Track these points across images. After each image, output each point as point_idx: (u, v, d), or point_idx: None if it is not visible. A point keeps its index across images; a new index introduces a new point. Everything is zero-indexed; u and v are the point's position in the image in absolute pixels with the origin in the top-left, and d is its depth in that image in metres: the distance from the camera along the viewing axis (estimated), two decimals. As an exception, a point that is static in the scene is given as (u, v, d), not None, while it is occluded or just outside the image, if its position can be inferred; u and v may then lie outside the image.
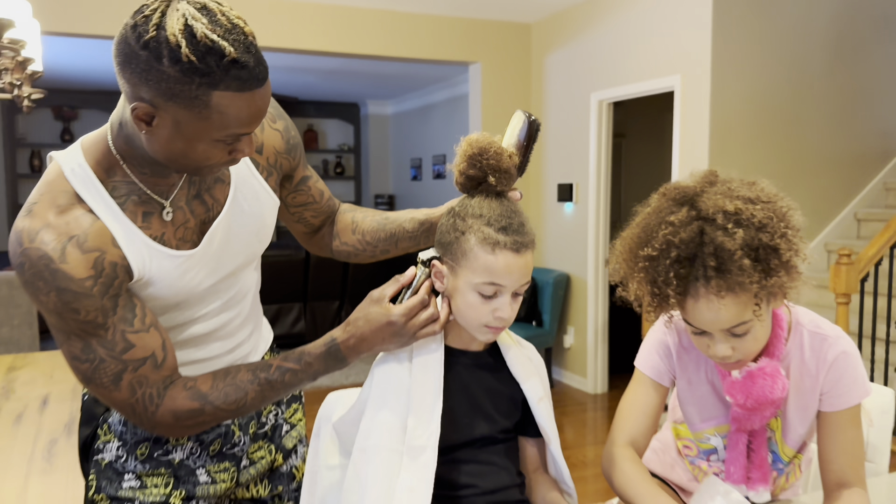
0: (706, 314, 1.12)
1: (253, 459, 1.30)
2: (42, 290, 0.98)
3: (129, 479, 1.18)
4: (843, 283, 2.91)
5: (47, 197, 1.01)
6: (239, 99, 0.94)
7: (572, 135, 5.06)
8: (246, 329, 1.27)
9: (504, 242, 1.11)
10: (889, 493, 1.36)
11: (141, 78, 0.92)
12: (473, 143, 1.15)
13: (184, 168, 1.03)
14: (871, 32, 4.47)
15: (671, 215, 1.15)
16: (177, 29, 0.90)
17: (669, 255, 1.12)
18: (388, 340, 1.13)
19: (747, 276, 1.08)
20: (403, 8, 4.94)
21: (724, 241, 1.08)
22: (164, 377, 1.07)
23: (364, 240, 1.36)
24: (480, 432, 1.20)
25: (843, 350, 1.24)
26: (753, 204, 1.12)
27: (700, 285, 1.10)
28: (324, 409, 1.32)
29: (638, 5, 4.41)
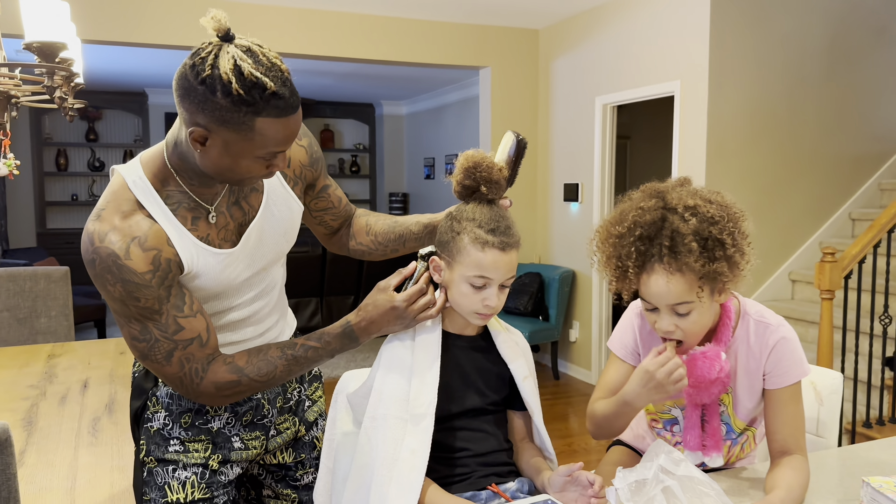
0: (656, 288, 1.33)
1: (280, 430, 1.51)
2: (110, 281, 1.18)
3: (173, 444, 1.38)
4: (826, 280, 3.09)
5: (113, 204, 1.22)
6: (277, 123, 1.14)
7: (578, 137, 5.24)
8: (274, 316, 1.48)
9: (492, 242, 1.32)
10: (838, 465, 1.55)
11: (198, 107, 1.12)
12: (469, 158, 1.37)
13: (228, 180, 1.24)
14: (865, 41, 4.62)
15: (643, 202, 1.38)
16: (228, 68, 1.10)
17: (634, 234, 1.34)
18: (392, 322, 1.34)
19: (693, 258, 1.29)
20: (418, 16, 5.15)
21: (680, 226, 1.30)
22: (208, 355, 1.28)
23: (377, 240, 1.59)
24: (472, 404, 1.41)
25: (782, 336, 1.43)
26: (711, 203, 1.34)
27: (655, 261, 1.33)
28: (340, 384, 1.53)
29: (640, 14, 4.59)
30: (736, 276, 1.33)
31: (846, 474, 1.48)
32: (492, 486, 1.37)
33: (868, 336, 3.57)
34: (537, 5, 4.94)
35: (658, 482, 1.07)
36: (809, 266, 4.54)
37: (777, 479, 1.34)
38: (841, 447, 1.63)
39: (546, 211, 5.65)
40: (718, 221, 1.31)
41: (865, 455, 1.57)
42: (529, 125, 5.67)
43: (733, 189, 4.24)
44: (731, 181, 4.25)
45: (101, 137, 9.02)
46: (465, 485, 1.37)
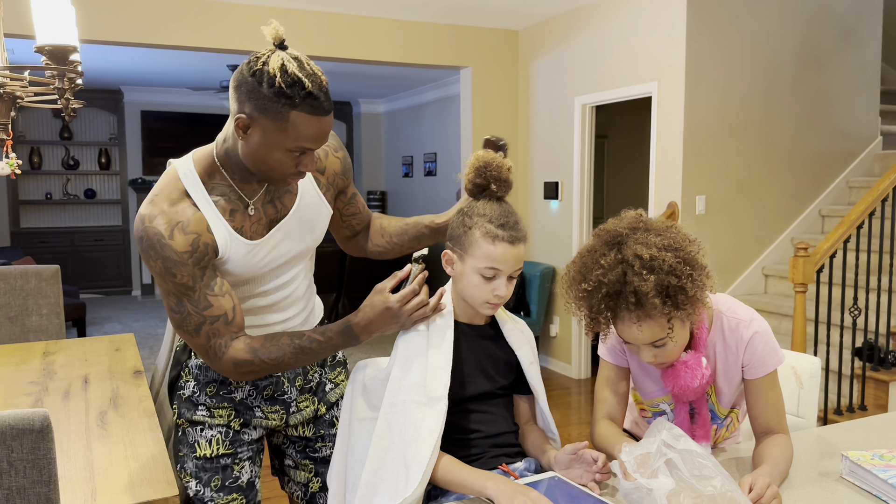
0: (630, 334, 1.43)
1: (300, 407, 1.69)
2: (152, 257, 1.36)
3: (201, 409, 1.60)
4: (800, 274, 3.23)
5: (165, 192, 1.41)
6: (309, 120, 1.32)
7: (557, 136, 5.36)
8: (299, 305, 1.64)
9: (502, 236, 1.42)
10: (817, 443, 1.66)
11: (246, 96, 1.31)
12: (480, 158, 1.47)
13: (263, 173, 1.40)
14: (834, 43, 4.80)
15: (602, 258, 1.43)
16: (276, 66, 1.29)
17: (601, 291, 1.41)
18: (388, 322, 1.43)
19: (659, 311, 1.37)
20: (399, 16, 5.22)
21: (641, 285, 1.36)
22: (233, 333, 1.44)
23: (392, 241, 1.76)
24: (483, 388, 1.51)
25: (755, 330, 1.53)
26: (666, 251, 1.40)
27: (624, 313, 1.40)
28: (355, 372, 1.61)
29: (618, 16, 4.72)
30: (700, 308, 1.43)
31: (826, 451, 1.60)
32: (502, 465, 1.47)
33: (839, 328, 3.74)
34: (516, 7, 5.04)
35: (661, 455, 1.18)
36: (782, 261, 4.70)
37: (763, 454, 1.46)
38: (819, 427, 1.75)
39: (527, 208, 5.76)
40: (676, 269, 1.37)
41: (842, 434, 1.69)
42: (510, 125, 5.78)
43: (709, 187, 4.40)
44: (707, 180, 4.40)
45: (76, 136, 8.95)
46: (478, 464, 1.46)
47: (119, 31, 4.62)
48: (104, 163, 9.06)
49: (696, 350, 1.53)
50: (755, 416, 1.55)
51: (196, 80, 8.06)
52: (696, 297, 1.40)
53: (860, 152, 4.99)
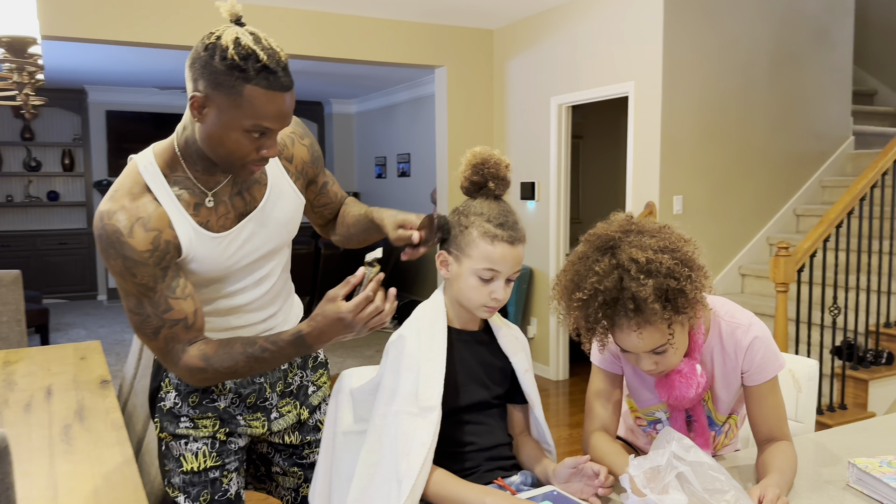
0: (630, 342, 1.36)
1: (282, 413, 1.61)
2: (112, 255, 1.29)
3: (184, 422, 1.51)
4: (781, 274, 3.21)
5: (125, 187, 1.33)
6: (265, 95, 1.23)
7: (533, 136, 5.31)
8: (276, 304, 1.55)
9: (501, 236, 1.35)
10: (818, 449, 1.62)
11: (199, 73, 1.24)
12: (477, 155, 1.39)
13: (221, 158, 1.31)
14: (808, 43, 4.83)
15: (596, 264, 1.35)
16: (230, 39, 1.23)
17: (597, 300, 1.34)
18: (341, 332, 1.31)
19: (659, 316, 1.30)
20: (372, 14, 5.13)
21: (639, 290, 1.29)
22: (192, 337, 1.36)
23: (348, 231, 1.66)
24: (478, 397, 1.43)
25: (755, 336, 1.46)
26: (662, 253, 1.33)
27: (623, 321, 1.33)
28: (339, 382, 1.52)
29: (594, 16, 4.69)
30: (701, 309, 1.37)
31: (828, 457, 1.55)
32: (498, 479, 1.40)
33: (819, 327, 3.73)
34: (491, 6, 4.98)
35: (672, 468, 1.11)
36: (758, 261, 4.71)
37: (768, 463, 1.40)
38: (817, 433, 1.71)
39: (502, 209, 5.70)
40: (674, 271, 1.31)
41: (842, 439, 1.65)
42: (485, 124, 5.72)
43: (686, 187, 4.38)
44: (684, 180, 4.38)
45: (38, 136, 8.68)
46: (472, 479, 1.39)
47: (83, 28, 4.46)
48: (68, 164, 8.80)
49: (691, 357, 1.47)
50: (757, 424, 1.49)
51: (163, 78, 7.87)
52: (696, 298, 1.34)
53: (833, 152, 5.02)
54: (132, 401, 2.65)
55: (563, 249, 5.18)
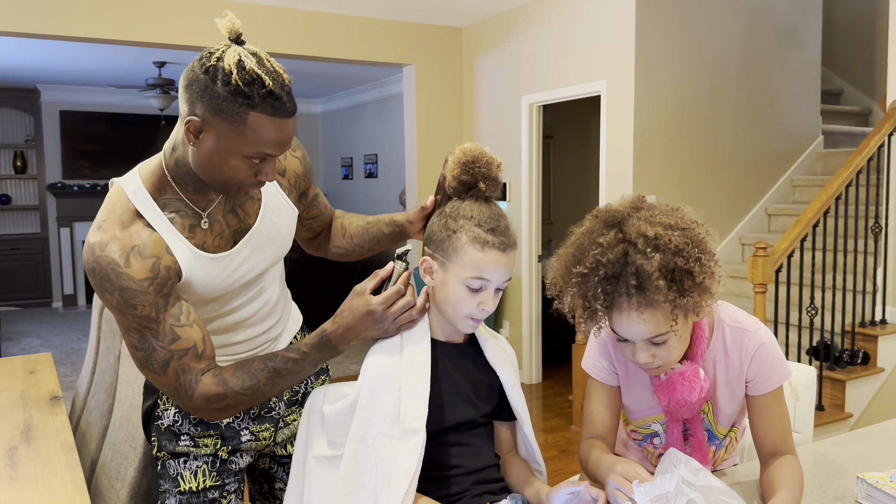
0: (628, 326, 1.25)
1: (287, 422, 1.55)
2: (108, 289, 1.20)
3: (184, 440, 1.44)
4: (760, 274, 3.16)
5: (114, 214, 1.25)
6: (270, 122, 1.17)
7: (504, 136, 5.22)
8: (274, 316, 1.50)
9: (492, 242, 1.23)
10: (819, 461, 1.54)
11: (198, 96, 1.16)
12: (467, 152, 1.27)
13: (218, 184, 1.24)
14: (777, 42, 4.81)
15: (601, 237, 1.26)
16: (232, 61, 1.15)
17: (598, 273, 1.24)
18: (370, 328, 1.27)
19: (663, 295, 1.20)
20: (337, 10, 4.99)
21: (644, 264, 1.20)
22: (204, 367, 1.27)
23: (353, 242, 1.59)
24: (465, 416, 1.32)
25: (761, 342, 1.38)
26: (672, 230, 1.23)
27: (623, 300, 1.23)
28: (311, 401, 1.39)
29: (565, 14, 4.61)
30: (708, 299, 1.26)
31: (831, 470, 1.47)
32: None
33: (797, 328, 3.70)
34: (459, 4, 4.88)
35: (681, 495, 1.01)
36: (731, 260, 4.68)
37: (775, 480, 1.31)
38: (815, 442, 1.63)
39: (472, 210, 5.60)
40: (683, 250, 1.21)
41: (842, 449, 1.57)
42: (455, 124, 5.61)
43: (659, 187, 4.32)
44: (656, 179, 4.33)
45: (-12, 137, 8.36)
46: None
47: (34, 22, 4.23)
48: (20, 166, 8.47)
49: (694, 361, 1.37)
50: (760, 437, 1.40)
51: (120, 77, 7.61)
52: (704, 284, 1.23)
53: (803, 151, 5.02)
54: (85, 418, 2.48)
55: (535, 250, 5.09)
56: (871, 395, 3.57)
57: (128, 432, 1.91)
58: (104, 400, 2.29)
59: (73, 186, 8.48)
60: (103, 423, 2.25)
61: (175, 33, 4.54)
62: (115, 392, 2.20)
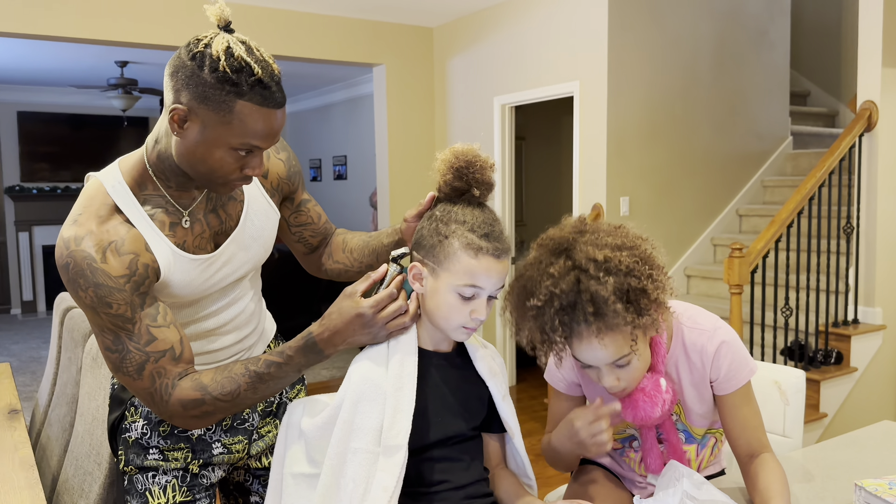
0: (590, 353, 1.23)
1: (261, 434, 1.48)
2: (82, 286, 1.14)
3: (153, 453, 1.37)
4: (736, 275, 3.15)
5: (90, 209, 1.19)
6: (258, 112, 1.13)
7: (476, 137, 5.17)
8: (251, 324, 1.44)
9: (486, 248, 1.17)
10: (807, 466, 1.51)
11: (184, 83, 1.12)
12: (460, 156, 1.21)
13: (202, 176, 1.19)
14: (748, 43, 4.84)
15: (550, 266, 1.23)
16: (220, 48, 1.11)
17: (553, 305, 1.20)
18: (359, 332, 1.20)
19: (621, 318, 1.18)
20: (307, 9, 4.89)
21: (598, 289, 1.17)
22: (181, 371, 1.21)
23: (352, 256, 1.52)
24: (453, 429, 1.25)
25: (721, 340, 1.35)
26: (620, 251, 1.21)
27: (582, 328, 1.20)
28: (289, 415, 1.32)
29: (537, 15, 4.58)
30: (664, 312, 1.24)
31: (825, 476, 1.44)
32: (476, 522, 1.22)
33: (772, 328, 3.71)
34: (429, 3, 4.82)
35: (685, 511, 0.96)
36: (703, 261, 4.69)
37: (764, 487, 1.27)
38: (805, 448, 1.60)
39: (445, 212, 5.54)
40: (634, 269, 1.20)
41: (833, 455, 1.54)
42: (426, 125, 5.55)
43: (632, 188, 4.31)
44: (630, 180, 4.31)
45: (-58, 138, 8.07)
46: (448, 524, 1.21)
47: (-13, 18, 4.07)
48: (-25, 168, 8.21)
49: (654, 371, 1.33)
50: (734, 438, 1.37)
51: (81, 77, 7.40)
52: (659, 300, 1.21)
53: (773, 152, 5.06)
54: (46, 432, 2.36)
55: (508, 253, 5.04)
56: (844, 394, 3.59)
57: (91, 447, 1.81)
58: (65, 413, 2.18)
59: (32, 189, 8.24)
60: (65, 438, 2.14)
61: (138, 32, 4.41)
62: (76, 405, 2.10)
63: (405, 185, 5.48)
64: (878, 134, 3.61)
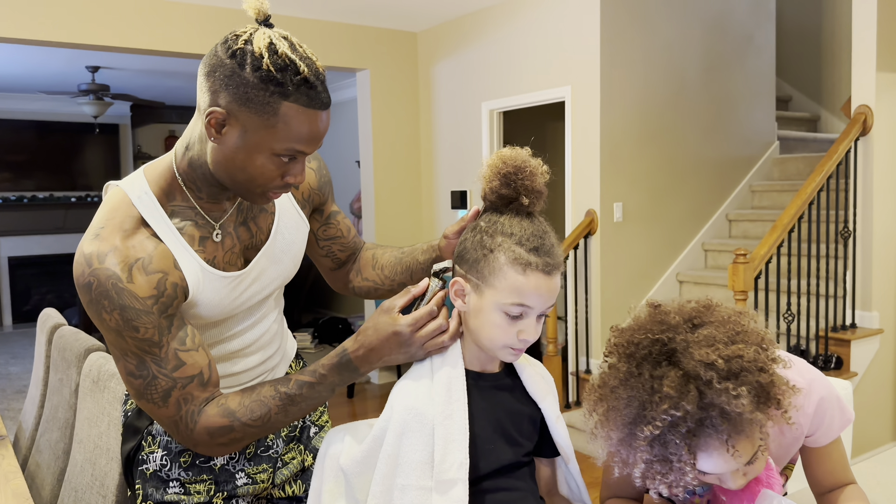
0: (721, 464, 1.04)
1: (285, 461, 1.38)
2: (106, 308, 1.05)
3: (173, 486, 1.26)
4: (741, 281, 3.11)
5: (114, 222, 1.09)
6: (303, 114, 1.04)
7: (464, 143, 5.10)
8: (275, 343, 1.36)
9: (535, 264, 1.08)
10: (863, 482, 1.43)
11: (222, 84, 1.03)
12: (508, 161, 1.12)
13: (239, 185, 1.11)
14: (736, 48, 4.84)
15: (660, 383, 1.02)
16: (263, 44, 1.02)
17: (679, 431, 1.01)
18: (395, 351, 1.13)
19: (758, 422, 1.02)
20: (289, 13, 4.78)
21: (733, 404, 0.99)
22: (208, 395, 1.13)
23: (383, 273, 1.42)
24: (507, 458, 1.16)
25: (820, 397, 1.22)
26: (737, 344, 1.03)
27: (711, 441, 1.02)
28: (326, 446, 1.22)
29: (526, 19, 4.52)
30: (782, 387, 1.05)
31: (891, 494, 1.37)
32: (539, 558, 1.13)
33: (775, 334, 3.67)
34: (412, 8, 4.74)
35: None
36: (694, 267, 4.66)
37: None
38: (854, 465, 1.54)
39: (432, 219, 5.45)
40: (757, 359, 1.01)
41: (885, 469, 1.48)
42: (411, 130, 5.45)
43: (626, 194, 4.26)
44: (623, 186, 4.27)
45: None
46: (508, 561, 1.12)
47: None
48: (-63, 177, 7.90)
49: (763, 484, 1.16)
50: (819, 479, 1.28)
51: (50, 82, 7.16)
52: (777, 381, 1.03)
53: (760, 157, 5.06)
54: (34, 459, 2.21)
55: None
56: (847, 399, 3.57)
57: (94, 477, 1.68)
58: (58, 439, 2.04)
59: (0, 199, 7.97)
60: (58, 466, 2.00)
61: (110, 35, 4.24)
62: (72, 430, 1.96)
63: (391, 191, 5.38)
64: (874, 138, 3.61)
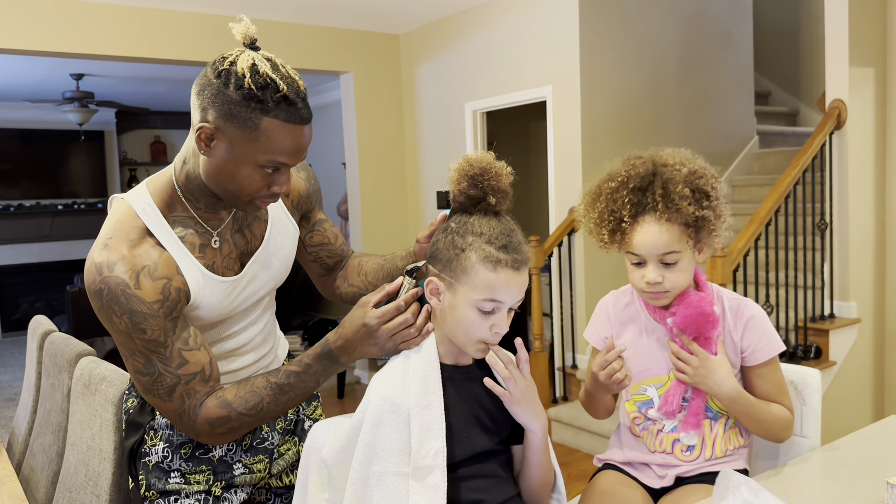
0: (650, 237, 1.39)
1: (281, 452, 1.48)
2: (116, 312, 1.15)
3: (174, 477, 1.35)
4: (719, 274, 3.18)
5: (120, 233, 1.19)
6: (284, 129, 1.14)
7: (448, 143, 5.15)
8: (268, 343, 1.45)
9: (505, 260, 1.14)
10: (829, 465, 1.51)
11: (210, 101, 1.14)
12: (474, 164, 1.18)
13: (229, 194, 1.20)
14: (713, 45, 4.91)
15: (633, 160, 1.48)
16: (245, 65, 1.13)
17: (628, 186, 1.42)
18: (365, 342, 1.21)
19: (686, 203, 1.37)
20: (272, 17, 4.81)
21: (673, 175, 1.40)
22: (209, 390, 1.23)
23: (367, 279, 1.52)
24: (482, 446, 1.22)
25: (755, 312, 1.50)
26: (694, 161, 1.47)
27: (648, 211, 1.40)
28: (311, 440, 1.27)
29: (506, 20, 4.57)
30: (718, 228, 1.42)
31: (851, 475, 1.44)
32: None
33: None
34: (394, 10, 4.78)
35: (746, 520, 0.94)
36: (677, 261, 4.73)
37: None
38: (823, 447, 1.61)
39: (418, 220, 5.50)
40: (703, 175, 1.42)
41: (850, 453, 1.55)
42: (396, 132, 5.50)
43: (609, 190, 4.33)
44: (606, 182, 4.33)
45: None
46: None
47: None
48: (-78, 187, 7.88)
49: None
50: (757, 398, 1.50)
51: (34, 90, 7.16)
52: (718, 210, 1.41)
53: (740, 151, 5.14)
54: (28, 463, 2.25)
55: (484, 259, 5.03)
56: (825, 388, 3.65)
57: (87, 478, 1.72)
58: (51, 442, 2.07)
59: (-17, 209, 7.94)
60: (52, 469, 2.04)
61: (93, 42, 4.27)
62: (64, 433, 2.00)
63: (377, 193, 5.43)
64: (848, 131, 3.69)
